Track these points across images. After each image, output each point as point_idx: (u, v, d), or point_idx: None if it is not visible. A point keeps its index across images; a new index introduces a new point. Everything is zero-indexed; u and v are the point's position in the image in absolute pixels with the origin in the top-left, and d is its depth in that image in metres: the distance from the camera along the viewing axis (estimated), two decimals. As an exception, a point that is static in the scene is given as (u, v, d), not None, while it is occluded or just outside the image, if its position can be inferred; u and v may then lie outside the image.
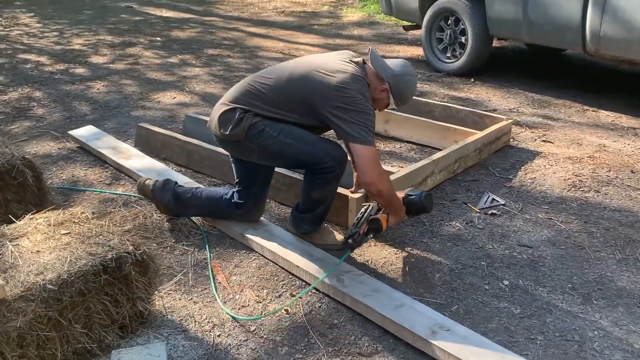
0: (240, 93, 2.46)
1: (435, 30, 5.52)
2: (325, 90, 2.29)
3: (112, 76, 5.39)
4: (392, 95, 2.42)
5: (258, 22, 8.20)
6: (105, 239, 2.00)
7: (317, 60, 2.45)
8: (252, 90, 2.43)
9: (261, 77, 2.46)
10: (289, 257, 2.43)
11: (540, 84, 5.16)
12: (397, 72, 2.42)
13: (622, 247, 2.67)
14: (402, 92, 2.45)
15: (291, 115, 2.38)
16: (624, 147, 3.82)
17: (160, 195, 2.69)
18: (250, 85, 2.46)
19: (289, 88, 2.38)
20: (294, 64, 2.48)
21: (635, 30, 4.13)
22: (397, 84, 2.41)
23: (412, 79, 2.49)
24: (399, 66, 2.44)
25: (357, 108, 2.27)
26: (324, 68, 2.34)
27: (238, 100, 2.44)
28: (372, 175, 2.27)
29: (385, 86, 2.40)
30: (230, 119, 2.41)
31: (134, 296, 2.00)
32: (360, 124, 2.26)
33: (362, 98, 2.29)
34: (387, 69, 2.41)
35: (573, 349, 2.03)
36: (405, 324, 2.02)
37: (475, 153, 3.49)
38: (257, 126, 2.38)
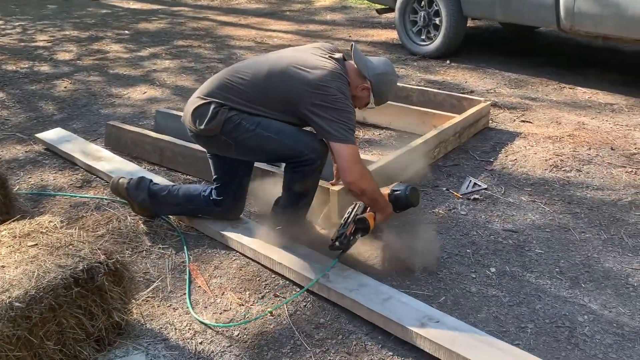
0: (216, 87, 2.36)
1: (409, 12, 5.44)
2: (305, 88, 2.21)
3: (79, 73, 5.21)
4: (372, 94, 2.36)
5: (228, 10, 8.02)
6: (75, 249, 1.90)
7: (296, 55, 2.35)
8: (229, 85, 2.34)
9: (238, 72, 2.36)
10: (271, 255, 2.35)
11: (516, 62, 5.13)
12: (380, 70, 2.36)
13: (607, 226, 2.64)
14: (382, 92, 2.39)
15: (272, 113, 2.29)
16: (602, 124, 3.81)
17: (134, 194, 2.58)
18: (226, 79, 2.36)
19: (268, 85, 2.29)
20: (272, 60, 2.38)
21: (609, 6, 4.10)
22: (378, 83, 2.35)
23: (394, 78, 2.44)
24: (382, 65, 2.38)
25: (337, 106, 2.19)
26: (304, 64, 2.26)
27: (213, 94, 2.34)
28: (353, 175, 2.20)
29: (367, 85, 2.34)
30: (205, 113, 2.32)
31: (109, 307, 1.91)
32: (341, 123, 2.18)
33: (342, 96, 2.21)
34: (369, 67, 2.34)
35: (564, 336, 2.00)
36: (394, 317, 1.96)
37: (454, 137, 3.44)
38: (233, 120, 2.29)
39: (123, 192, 2.62)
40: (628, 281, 2.27)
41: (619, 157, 3.32)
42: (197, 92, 2.42)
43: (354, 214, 2.32)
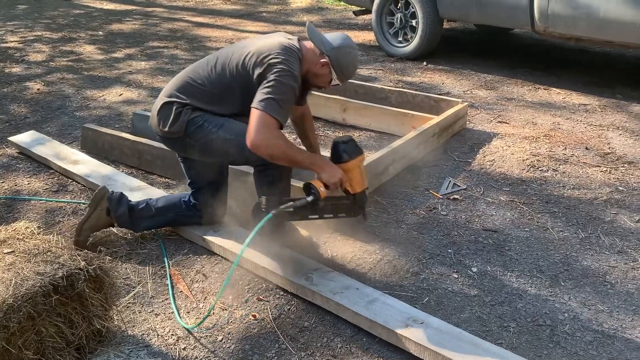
0: (178, 86, 2.35)
1: (386, 14, 5.47)
2: (253, 62, 2.21)
3: (53, 74, 5.10)
4: (333, 69, 2.30)
5: (204, 11, 7.96)
6: (54, 256, 1.86)
7: (251, 42, 2.35)
8: (190, 83, 2.33)
9: (199, 68, 2.37)
10: (254, 258, 2.33)
11: (491, 64, 5.19)
12: (337, 44, 2.30)
13: (584, 225, 2.69)
14: (343, 66, 2.31)
15: (234, 106, 2.28)
16: (577, 124, 3.88)
17: (115, 206, 2.48)
18: (188, 76, 2.35)
19: (223, 75, 2.28)
20: (228, 51, 2.36)
21: (581, 8, 4.18)
22: (337, 57, 2.28)
23: (353, 51, 2.35)
24: (338, 39, 2.33)
25: (275, 77, 2.14)
26: (255, 44, 2.27)
27: (176, 94, 2.33)
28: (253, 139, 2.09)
29: (325, 60, 2.28)
30: (168, 114, 2.31)
31: (90, 314, 1.87)
32: (270, 93, 2.12)
33: (284, 67, 2.15)
34: (325, 43, 2.30)
35: (545, 334, 2.03)
36: (379, 320, 1.96)
37: (433, 138, 3.47)
38: (196, 121, 2.27)
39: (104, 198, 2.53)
40: (606, 279, 2.32)
41: (594, 156, 3.39)
42: (161, 93, 2.41)
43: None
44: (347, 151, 2.23)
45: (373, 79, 4.83)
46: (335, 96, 3.97)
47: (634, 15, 3.95)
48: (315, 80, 2.34)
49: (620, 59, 5.38)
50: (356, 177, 2.25)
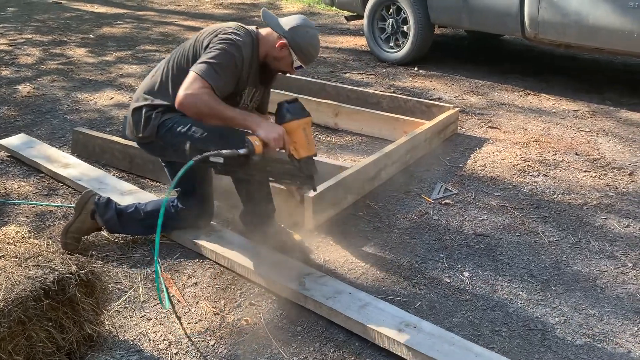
0: (145, 88, 2.39)
1: (377, 19, 5.49)
2: (205, 42, 2.25)
3: (43, 78, 5.07)
4: (292, 50, 2.28)
5: (195, 15, 7.94)
6: (45, 260, 1.84)
7: (205, 29, 2.38)
8: (156, 81, 2.35)
9: (161, 66, 2.40)
10: (246, 263, 2.32)
11: (482, 70, 5.23)
12: (293, 24, 2.30)
13: (574, 230, 2.71)
14: (302, 46, 2.28)
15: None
16: (567, 129, 3.92)
17: (102, 211, 2.47)
18: (152, 77, 2.39)
19: (182, 65, 2.28)
20: (184, 44, 2.40)
21: (571, 15, 4.23)
22: (294, 38, 2.27)
23: (311, 30, 2.32)
24: (294, 20, 2.32)
25: (217, 46, 2.18)
26: (210, 29, 2.31)
27: (143, 96, 2.37)
28: (181, 96, 2.12)
29: (283, 41, 2.27)
30: (139, 119, 2.34)
31: (81, 319, 1.86)
32: (209, 60, 2.15)
33: (230, 38, 2.20)
34: (282, 24, 2.31)
35: (537, 338, 2.04)
36: (371, 324, 1.96)
37: (425, 143, 3.48)
38: (166, 124, 2.28)
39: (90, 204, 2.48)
40: (596, 283, 2.33)
41: (584, 162, 3.42)
42: (132, 99, 2.45)
43: None
44: (290, 111, 2.16)
45: (365, 84, 4.85)
46: (327, 101, 3.98)
47: (622, 22, 3.99)
48: (276, 64, 2.34)
49: (609, 65, 5.44)
50: (300, 139, 2.15)
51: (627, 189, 3.09)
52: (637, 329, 2.08)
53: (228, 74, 2.19)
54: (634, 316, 2.15)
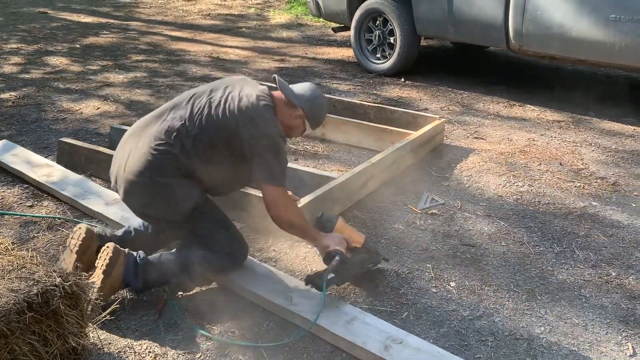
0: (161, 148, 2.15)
1: (364, 31, 5.54)
2: (242, 123, 2.17)
3: (28, 87, 5.03)
4: (308, 120, 2.38)
5: (183, 25, 7.95)
6: (29, 272, 1.82)
7: (221, 93, 2.27)
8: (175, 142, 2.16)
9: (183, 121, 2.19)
10: (233, 276, 2.31)
11: (467, 81, 5.28)
12: (309, 96, 2.35)
13: (559, 239, 2.74)
14: (316, 116, 2.40)
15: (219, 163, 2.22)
16: (551, 140, 3.96)
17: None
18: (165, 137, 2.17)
19: (211, 131, 2.18)
20: (205, 103, 2.23)
21: (554, 27, 4.29)
22: (311, 109, 2.36)
23: (323, 100, 2.46)
24: (309, 90, 2.38)
25: (272, 147, 2.18)
26: (232, 97, 2.22)
27: (164, 162, 2.15)
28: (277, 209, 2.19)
29: (300, 112, 2.34)
30: (167, 190, 2.16)
31: (65, 332, 1.83)
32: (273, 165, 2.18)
33: (276, 133, 2.20)
34: (298, 96, 2.34)
35: (522, 348, 2.05)
36: (357, 342, 1.96)
37: (411, 153, 3.50)
38: (200, 210, 2.21)
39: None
40: (581, 292, 2.36)
41: (568, 172, 3.46)
42: (147, 137, 2.19)
43: None
44: (328, 219, 2.34)
45: (352, 94, 4.88)
46: (314, 111, 3.99)
47: (604, 35, 4.06)
48: (289, 131, 2.37)
49: (593, 77, 5.53)
50: (351, 233, 2.35)
51: (611, 199, 3.13)
52: (621, 338, 2.10)
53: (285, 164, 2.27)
54: (618, 325, 2.17)
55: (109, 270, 2.11)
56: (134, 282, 2.16)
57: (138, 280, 2.16)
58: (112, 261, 2.12)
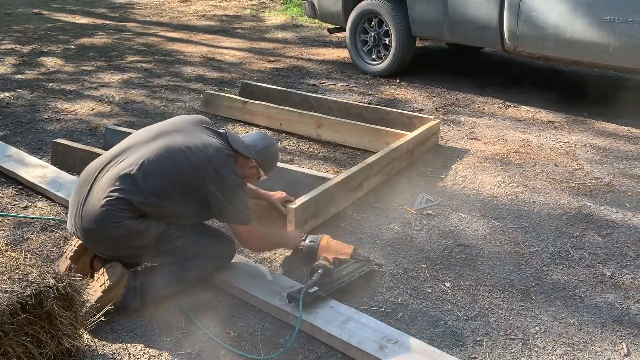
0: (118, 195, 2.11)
1: (360, 32, 5.54)
2: (201, 171, 2.16)
3: (22, 88, 5.02)
4: (261, 169, 2.42)
5: (178, 26, 7.94)
6: (22, 273, 1.82)
7: (182, 137, 2.25)
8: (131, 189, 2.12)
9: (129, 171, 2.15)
10: (227, 277, 2.31)
11: (462, 82, 5.29)
12: (260, 146, 2.40)
13: (554, 240, 2.75)
14: (269, 164, 2.47)
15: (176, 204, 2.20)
16: (546, 141, 3.97)
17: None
18: (120, 183, 2.13)
19: (166, 176, 2.16)
20: (161, 146, 2.21)
21: (549, 28, 4.31)
22: (264, 159, 2.41)
23: (275, 148, 2.51)
24: (259, 140, 2.43)
25: (234, 190, 2.22)
26: (194, 146, 2.21)
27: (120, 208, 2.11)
28: (251, 245, 2.38)
29: (254, 163, 2.38)
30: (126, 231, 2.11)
31: (59, 333, 1.83)
32: (238, 207, 2.23)
33: (237, 178, 2.24)
34: (249, 147, 2.37)
35: (517, 347, 2.05)
36: (353, 342, 1.96)
37: (407, 154, 3.51)
38: (166, 233, 2.18)
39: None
40: (575, 292, 2.36)
41: (562, 172, 3.47)
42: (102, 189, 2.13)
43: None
44: (311, 240, 2.44)
45: (347, 95, 4.88)
46: (310, 112, 4.00)
47: (599, 36, 4.08)
48: (244, 179, 2.37)
49: (587, 77, 5.55)
50: (337, 246, 2.42)
51: (605, 199, 3.14)
52: (615, 338, 2.11)
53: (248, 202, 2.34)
54: (612, 325, 2.18)
55: (109, 290, 2.10)
56: (132, 304, 2.16)
57: (136, 302, 2.17)
58: (115, 283, 2.11)
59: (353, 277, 2.33)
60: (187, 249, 2.24)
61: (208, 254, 2.27)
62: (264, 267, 2.43)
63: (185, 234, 2.24)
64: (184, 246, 2.23)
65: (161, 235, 2.18)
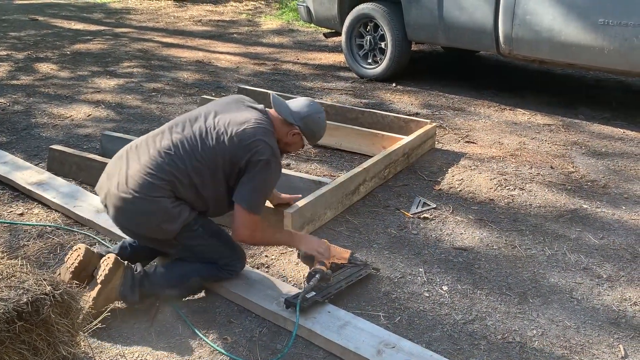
0: (165, 165, 2.14)
1: (356, 36, 5.56)
2: (239, 146, 2.16)
3: (17, 94, 5.01)
4: (305, 137, 2.38)
5: (174, 32, 7.95)
6: (18, 281, 1.81)
7: (225, 115, 2.26)
8: (176, 171, 2.14)
9: (178, 143, 2.18)
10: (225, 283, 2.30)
11: (458, 85, 5.31)
12: (304, 113, 2.35)
13: (550, 243, 2.75)
14: (314, 131, 2.40)
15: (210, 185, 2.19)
16: (542, 143, 3.98)
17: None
18: (162, 158, 2.15)
19: (206, 155, 2.17)
20: (205, 126, 2.23)
21: (544, 32, 4.32)
22: (307, 125, 2.36)
23: (321, 115, 2.42)
24: (305, 107, 2.37)
25: (263, 173, 2.17)
26: (233, 123, 2.20)
27: (165, 177, 2.13)
28: (240, 236, 2.21)
29: (297, 130, 2.34)
30: (160, 209, 2.12)
31: (56, 341, 1.82)
32: (258, 191, 2.18)
33: (272, 159, 2.18)
34: (294, 114, 2.34)
35: (515, 351, 2.05)
36: (350, 346, 1.96)
37: (403, 158, 3.51)
38: (191, 227, 2.19)
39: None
40: (572, 295, 2.37)
41: (559, 175, 3.48)
42: (143, 162, 2.15)
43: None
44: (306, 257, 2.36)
45: (344, 99, 4.89)
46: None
47: (593, 39, 4.10)
48: (287, 148, 2.39)
49: (582, 80, 5.57)
50: (335, 251, 2.38)
51: (601, 201, 3.15)
52: (612, 340, 2.11)
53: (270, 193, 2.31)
54: (609, 327, 2.18)
55: (107, 280, 2.10)
56: (130, 296, 2.16)
57: (135, 294, 2.16)
58: (111, 272, 2.11)
59: (350, 281, 2.33)
60: (203, 249, 2.24)
61: (219, 263, 2.26)
62: (261, 272, 2.42)
63: (206, 235, 2.24)
64: (201, 246, 2.23)
65: (187, 226, 2.17)
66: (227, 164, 2.17)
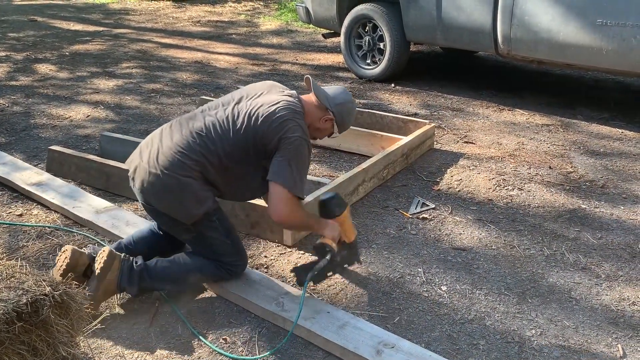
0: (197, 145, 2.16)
1: (354, 37, 5.56)
2: (270, 128, 2.17)
3: (16, 95, 5.01)
4: (336, 124, 2.39)
5: (173, 32, 7.95)
6: (18, 281, 1.80)
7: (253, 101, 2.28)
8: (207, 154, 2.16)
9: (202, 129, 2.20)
10: (224, 283, 2.31)
11: (457, 86, 5.31)
12: (340, 100, 2.37)
13: (549, 243, 2.76)
14: (345, 120, 2.42)
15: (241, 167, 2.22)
16: (540, 144, 3.99)
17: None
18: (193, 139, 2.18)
19: (238, 137, 2.18)
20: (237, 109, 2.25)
21: (542, 32, 4.33)
22: (341, 113, 2.38)
23: (354, 105, 2.47)
24: (341, 94, 2.40)
25: (297, 152, 2.17)
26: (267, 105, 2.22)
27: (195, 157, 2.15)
28: (278, 214, 2.16)
29: (330, 116, 2.35)
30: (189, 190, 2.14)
31: (55, 341, 1.81)
32: (294, 170, 2.15)
33: (303, 140, 2.19)
34: (329, 98, 2.36)
35: (514, 351, 2.06)
36: (350, 346, 1.96)
37: (402, 158, 3.52)
38: (211, 217, 2.20)
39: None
40: (571, 295, 2.37)
41: (557, 175, 3.48)
42: (175, 141, 2.18)
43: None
44: (338, 205, 2.33)
45: (342, 100, 4.89)
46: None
47: (591, 39, 4.11)
48: (316, 134, 2.40)
49: (580, 80, 5.58)
50: (349, 227, 2.38)
51: (600, 201, 3.16)
52: (611, 340, 2.12)
53: (306, 173, 2.29)
54: (608, 327, 2.19)
55: (103, 273, 2.11)
56: (129, 288, 2.16)
57: (134, 286, 2.16)
58: (106, 265, 2.12)
59: (339, 267, 2.40)
60: (213, 242, 2.24)
61: (222, 260, 2.26)
62: (261, 272, 2.43)
63: (221, 228, 2.24)
64: (213, 239, 2.24)
65: (207, 215, 2.18)
66: (258, 144, 2.19)
